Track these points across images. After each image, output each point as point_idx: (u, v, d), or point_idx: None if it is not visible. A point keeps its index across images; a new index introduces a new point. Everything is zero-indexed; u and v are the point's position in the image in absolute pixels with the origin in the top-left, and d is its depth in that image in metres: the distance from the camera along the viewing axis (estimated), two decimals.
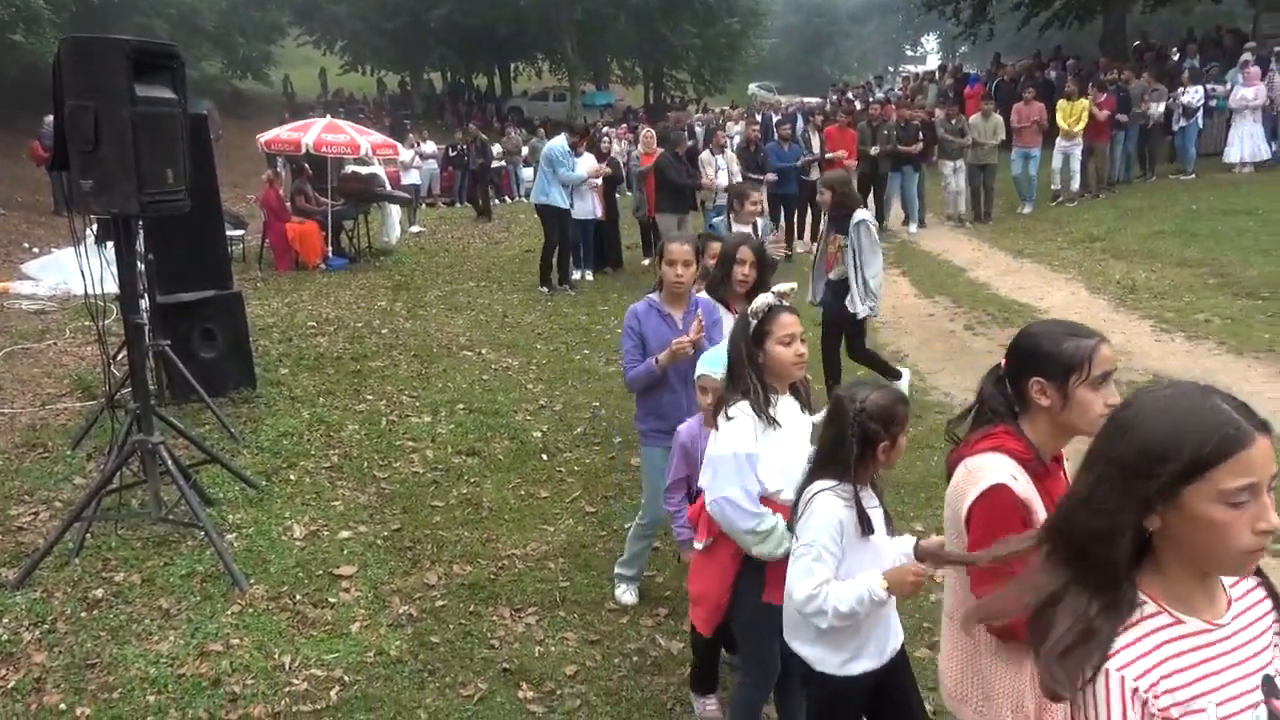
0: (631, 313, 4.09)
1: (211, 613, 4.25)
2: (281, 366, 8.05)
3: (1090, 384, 2.00)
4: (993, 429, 2.09)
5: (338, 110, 25.39)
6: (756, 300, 2.82)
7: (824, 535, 2.43)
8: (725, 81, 43.81)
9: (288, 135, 13.54)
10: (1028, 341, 2.09)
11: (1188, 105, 15.02)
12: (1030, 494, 2.00)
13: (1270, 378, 6.78)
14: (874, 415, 2.44)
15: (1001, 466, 2.02)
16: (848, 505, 2.45)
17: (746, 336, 2.80)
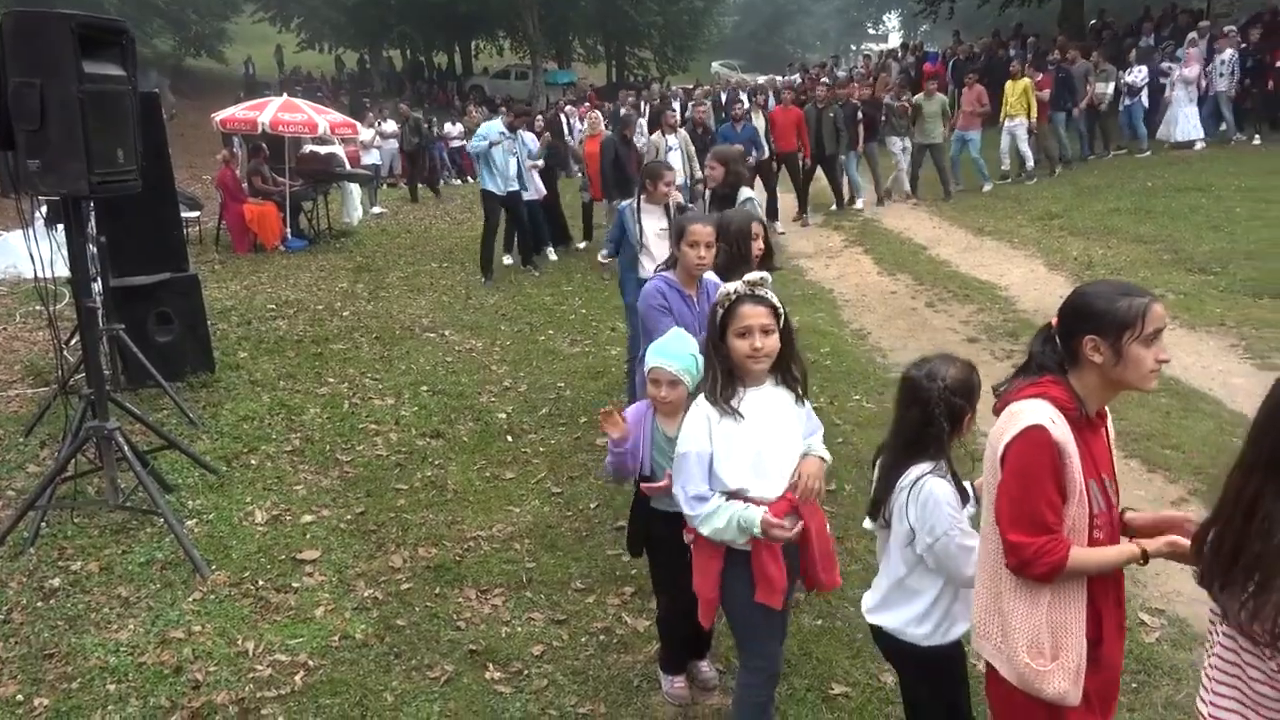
0: (656, 291, 3.98)
1: (172, 600, 4.21)
2: (241, 350, 7.94)
3: (1143, 340, 2.05)
4: (1040, 379, 2.15)
5: (295, 89, 24.90)
6: (723, 288, 2.76)
7: (952, 515, 2.45)
8: (688, 59, 43.66)
9: (244, 114, 13.30)
10: (1082, 300, 2.13)
11: (1132, 84, 15.36)
12: (1067, 439, 2.05)
13: (1222, 350, 6.93)
14: (957, 390, 2.47)
15: (1042, 410, 2.07)
16: (950, 483, 2.48)
17: (713, 326, 2.75)
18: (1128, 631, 3.68)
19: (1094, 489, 2.10)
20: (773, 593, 2.75)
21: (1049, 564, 2.04)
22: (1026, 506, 2.05)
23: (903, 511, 2.49)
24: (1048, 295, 8.85)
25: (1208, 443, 5.37)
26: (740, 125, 12.47)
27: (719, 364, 2.72)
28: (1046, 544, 2.04)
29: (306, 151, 14.29)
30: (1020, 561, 2.07)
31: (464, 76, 40.62)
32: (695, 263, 3.89)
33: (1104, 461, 2.18)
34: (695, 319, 3.85)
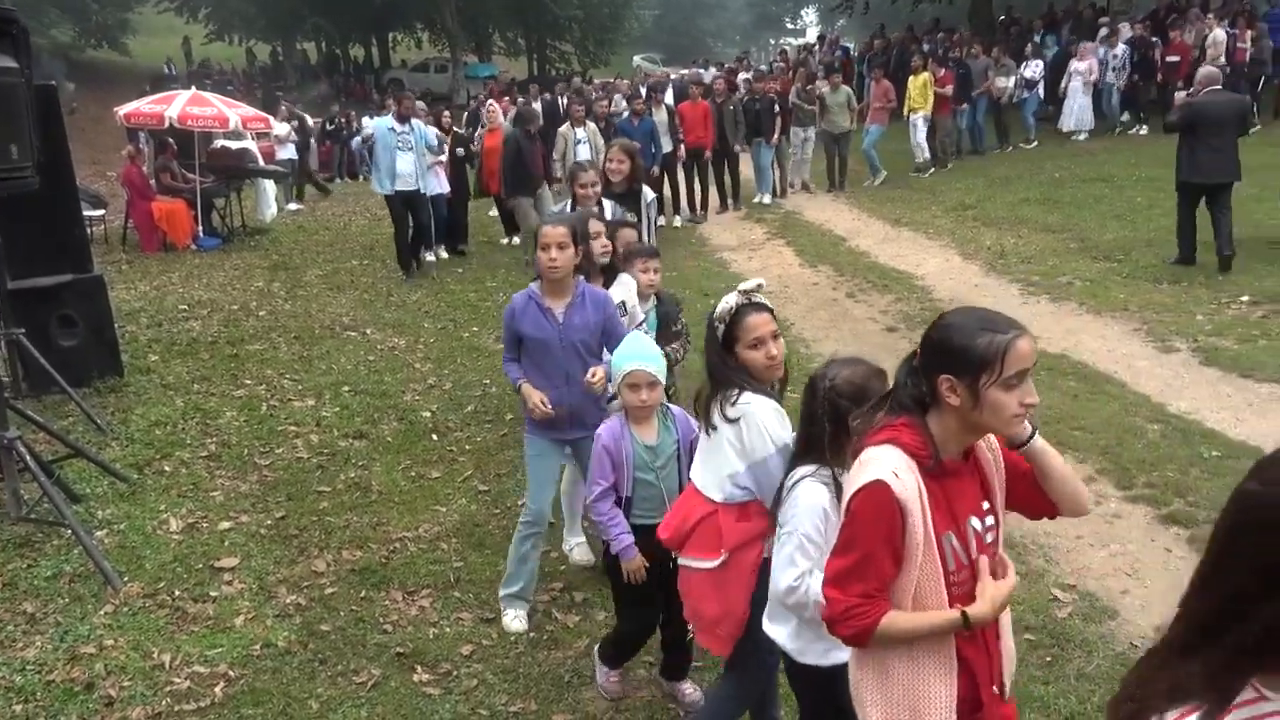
0: (509, 307, 3.76)
1: (82, 614, 4.05)
2: (151, 353, 7.67)
3: (1003, 384, 1.82)
4: (896, 419, 1.95)
5: (204, 82, 24.12)
6: (722, 302, 2.63)
7: (806, 523, 2.31)
8: (609, 53, 43.56)
9: (149, 109, 12.82)
10: (940, 334, 1.91)
11: (1029, 79, 16.04)
12: (910, 496, 1.86)
13: (1126, 334, 7.22)
14: (845, 392, 2.31)
15: (886, 462, 1.89)
16: (830, 490, 2.31)
17: (716, 346, 2.64)
18: (1041, 609, 3.82)
19: (952, 544, 1.94)
20: None
21: (855, 627, 1.90)
22: (852, 564, 1.90)
23: (783, 507, 2.41)
24: (962, 284, 9.10)
25: (1113, 423, 5.59)
26: (639, 120, 12.26)
27: (739, 375, 2.64)
28: (858, 606, 1.89)
29: (218, 147, 13.85)
30: (829, 617, 1.95)
31: (382, 70, 39.81)
32: (546, 265, 3.60)
33: (969, 506, 1.98)
34: (555, 332, 3.66)
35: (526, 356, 3.74)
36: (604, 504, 3.15)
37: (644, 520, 3.12)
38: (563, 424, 3.75)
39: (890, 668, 1.97)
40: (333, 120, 22.26)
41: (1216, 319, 7.27)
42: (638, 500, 3.15)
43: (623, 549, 3.12)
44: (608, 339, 3.73)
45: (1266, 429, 5.35)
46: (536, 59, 43.04)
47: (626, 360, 3.11)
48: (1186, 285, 8.18)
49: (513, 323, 3.72)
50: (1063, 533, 4.47)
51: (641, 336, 3.21)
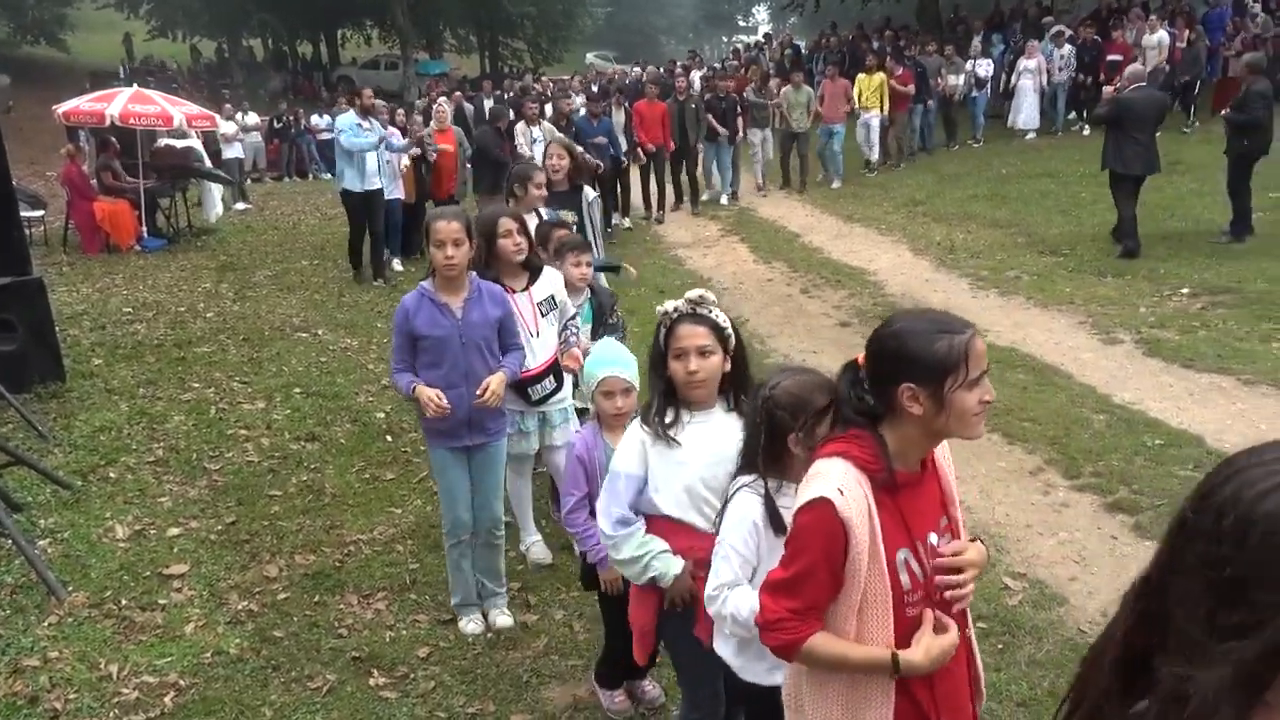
0: (400, 308, 3.61)
1: (25, 626, 3.94)
2: (94, 357, 7.48)
3: (967, 385, 1.76)
4: (847, 431, 1.87)
5: (146, 79, 23.58)
6: (666, 304, 2.56)
7: (733, 534, 2.23)
8: (563, 50, 43.40)
9: (89, 106, 12.50)
10: (894, 343, 1.81)
11: (980, 77, 16.31)
12: (858, 514, 1.78)
13: (1072, 327, 7.37)
14: (782, 402, 2.20)
15: (833, 477, 1.81)
16: (761, 501, 2.22)
17: (657, 342, 2.55)
18: (991, 597, 3.89)
19: (906, 561, 1.86)
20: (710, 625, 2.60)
21: (780, 641, 1.86)
22: (790, 577, 1.84)
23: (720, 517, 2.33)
24: (914, 279, 9.23)
25: (1060, 414, 5.71)
26: (598, 120, 12.12)
27: (660, 386, 2.55)
28: (785, 620, 1.84)
29: (162, 145, 13.54)
30: (760, 622, 1.90)
31: (331, 67, 39.23)
32: (442, 263, 3.49)
33: (927, 520, 1.91)
34: (454, 328, 3.56)
35: (423, 359, 3.58)
36: (578, 516, 3.05)
37: None
38: (461, 429, 3.63)
39: (827, 680, 1.91)
40: (281, 118, 21.91)
41: (1158, 311, 7.45)
42: None
43: (599, 560, 3.02)
44: (503, 338, 3.70)
45: (1207, 417, 5.50)
46: (489, 56, 42.72)
47: (601, 367, 3.02)
48: (1129, 279, 8.38)
49: (406, 324, 3.56)
50: (1012, 522, 4.56)
51: (614, 342, 3.12)
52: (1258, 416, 5.43)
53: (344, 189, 9.84)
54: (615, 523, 2.59)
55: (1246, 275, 7.96)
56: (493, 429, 3.76)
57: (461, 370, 3.56)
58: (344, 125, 9.63)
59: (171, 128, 12.72)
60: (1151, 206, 10.70)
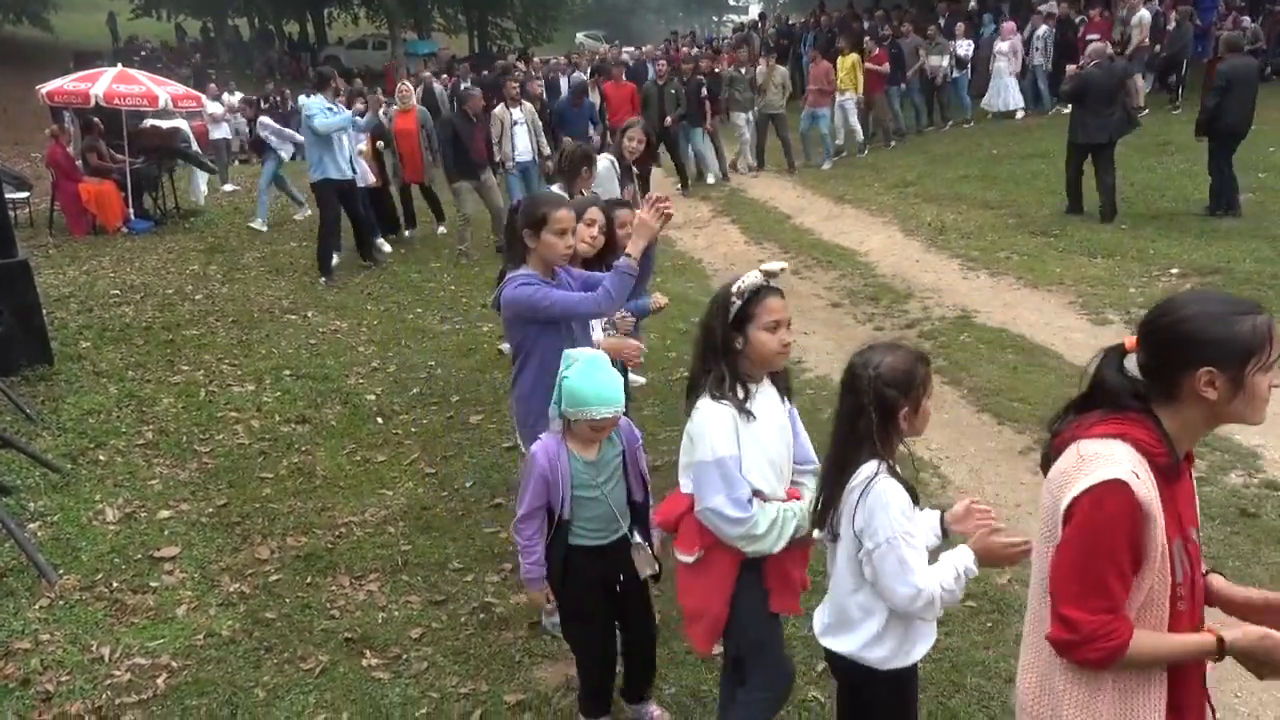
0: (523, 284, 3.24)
1: (15, 609, 3.94)
2: (82, 340, 7.44)
3: (1265, 366, 1.67)
4: (1120, 414, 1.75)
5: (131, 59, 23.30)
6: (744, 279, 2.50)
7: (900, 524, 2.15)
8: (552, 30, 43.11)
9: (73, 86, 12.35)
10: (1189, 325, 1.70)
11: (961, 57, 16.30)
12: (1152, 497, 1.66)
13: (1062, 308, 7.39)
14: (890, 380, 2.17)
15: (1123, 458, 1.68)
16: (901, 483, 2.18)
17: (725, 320, 2.48)
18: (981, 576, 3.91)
19: (1178, 552, 1.73)
20: (792, 596, 2.61)
21: (1105, 650, 1.69)
22: (1091, 578, 1.68)
23: (851, 517, 2.21)
24: (905, 260, 9.23)
25: (1050, 395, 5.73)
26: (580, 103, 11.93)
27: (727, 361, 2.48)
28: (1106, 625, 1.68)
29: (147, 126, 13.42)
30: (1070, 642, 1.72)
31: (318, 47, 38.89)
32: (564, 251, 3.33)
33: (1189, 514, 1.81)
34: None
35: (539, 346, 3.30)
36: (528, 527, 2.85)
37: (591, 540, 2.88)
38: None
39: (1099, 685, 1.76)
40: (268, 99, 21.69)
41: (1148, 291, 7.47)
42: (581, 520, 2.86)
43: (531, 579, 2.89)
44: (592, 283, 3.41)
45: None
46: (477, 35, 42.40)
47: (601, 405, 2.73)
48: (1119, 259, 8.39)
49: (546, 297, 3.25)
50: (1003, 501, 4.58)
51: (604, 366, 2.79)
52: None
53: (324, 179, 9.19)
54: (745, 503, 2.45)
55: (1236, 256, 7.98)
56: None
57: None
58: (313, 109, 9.05)
59: (157, 108, 12.59)
60: (1141, 186, 10.73)
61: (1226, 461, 4.79)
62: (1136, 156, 12.07)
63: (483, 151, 10.17)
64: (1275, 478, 4.62)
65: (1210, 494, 4.43)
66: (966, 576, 2.20)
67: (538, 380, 3.26)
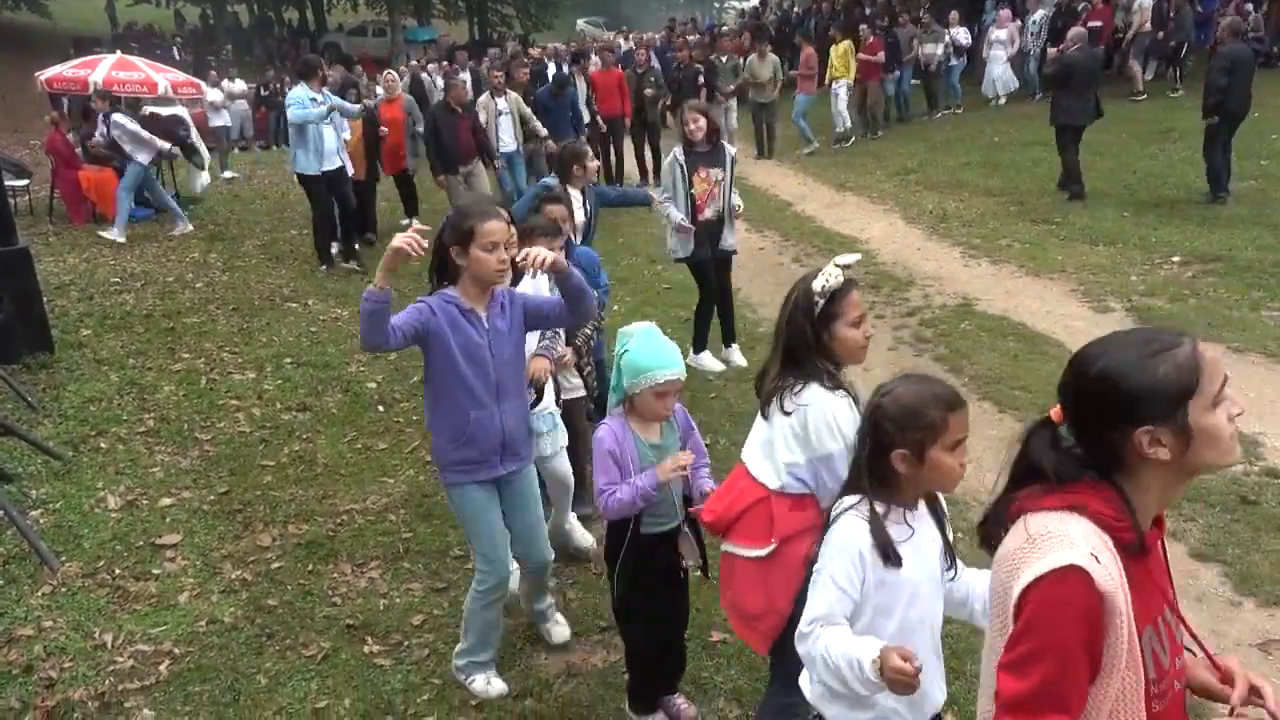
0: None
1: (18, 596, 3.95)
2: (83, 327, 7.43)
3: (1212, 404, 1.45)
4: (1072, 484, 1.52)
5: (130, 45, 23.24)
6: (825, 276, 2.38)
7: (834, 563, 1.95)
8: (553, 16, 42.93)
9: (72, 73, 12.34)
10: (1104, 384, 1.48)
11: (959, 45, 16.25)
12: (1115, 585, 1.42)
13: (1063, 295, 7.38)
14: (891, 414, 1.93)
15: (1079, 538, 1.44)
16: (868, 529, 1.95)
17: (812, 318, 2.37)
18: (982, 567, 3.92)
19: (1151, 643, 1.50)
20: None
21: None
22: (1038, 682, 1.43)
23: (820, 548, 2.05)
24: (906, 247, 9.21)
25: (1052, 383, 5.67)
26: (562, 95, 11.56)
27: (821, 360, 2.40)
28: None
29: (146, 113, 13.37)
30: None
31: (318, 34, 38.72)
32: (495, 268, 2.99)
33: (1162, 594, 1.56)
34: (477, 337, 3.03)
35: (450, 380, 3.04)
36: (609, 491, 2.75)
37: (656, 528, 2.86)
38: (493, 456, 3.11)
39: None
40: (267, 86, 21.64)
41: (1149, 279, 7.46)
42: (647, 507, 2.80)
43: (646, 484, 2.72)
44: (541, 312, 3.15)
45: None
46: (477, 22, 42.22)
47: (662, 368, 2.69)
48: (1121, 246, 8.38)
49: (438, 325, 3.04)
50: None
51: (657, 332, 2.78)
52: (1247, 384, 5.46)
53: (299, 173, 8.97)
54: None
55: (1238, 243, 7.97)
56: (525, 452, 3.23)
57: (491, 386, 3.05)
58: (292, 99, 8.73)
59: (156, 94, 12.55)
60: (1144, 174, 10.70)
61: None
62: (1138, 144, 12.05)
63: (468, 143, 9.77)
64: (1275, 465, 4.62)
65: (1210, 482, 4.43)
66: (853, 674, 1.82)
67: (435, 415, 3.10)
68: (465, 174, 9.85)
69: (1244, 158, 10.37)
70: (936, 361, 6.26)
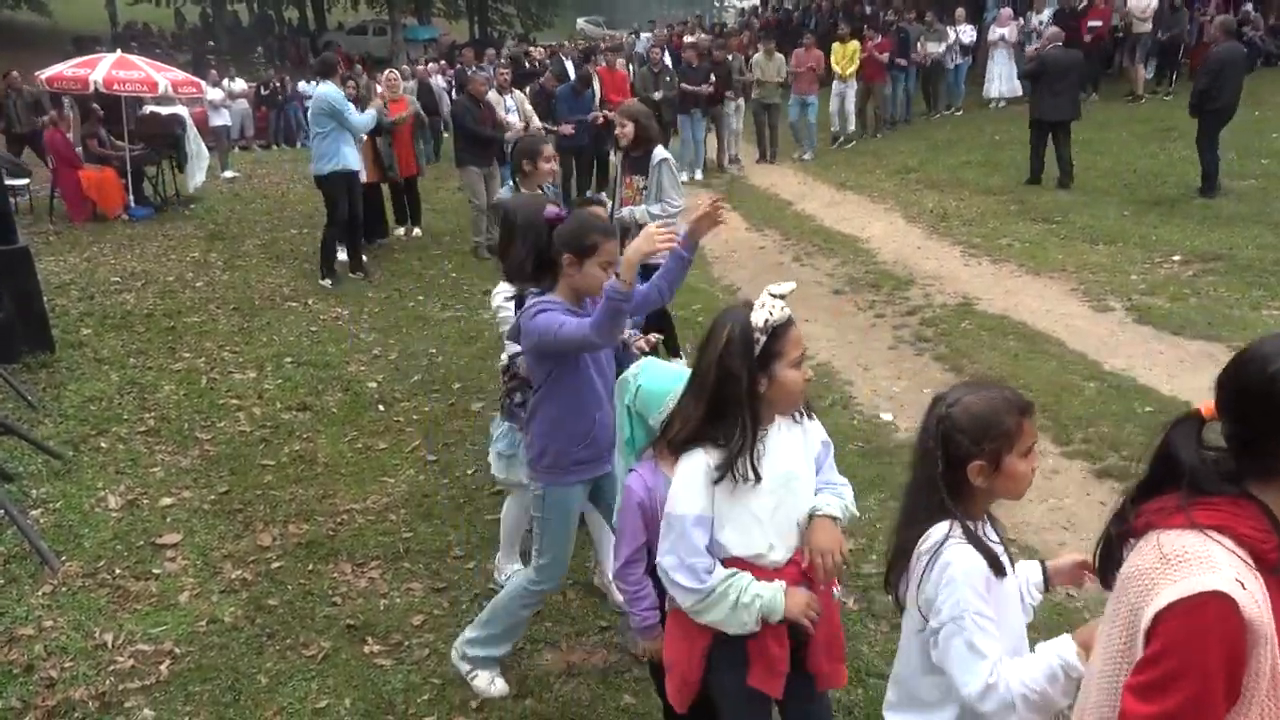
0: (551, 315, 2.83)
1: (19, 596, 3.95)
2: (83, 327, 7.44)
3: None
4: (1211, 496, 1.40)
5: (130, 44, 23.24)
6: (767, 308, 2.10)
7: (971, 599, 1.77)
8: (553, 15, 42.98)
9: (72, 72, 12.30)
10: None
11: (964, 44, 16.23)
12: (1262, 612, 1.32)
13: (1064, 294, 7.38)
14: (963, 424, 1.81)
15: (1221, 561, 1.34)
16: (976, 550, 1.80)
17: (751, 360, 2.08)
18: None
19: None
20: (773, 676, 2.21)
21: None
22: (1171, 705, 1.34)
23: (917, 586, 1.86)
24: (906, 246, 9.21)
25: (1052, 381, 5.73)
26: (580, 96, 11.41)
27: (752, 410, 2.09)
28: None
29: (147, 112, 13.38)
30: None
31: (318, 33, 38.75)
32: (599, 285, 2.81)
33: None
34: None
35: (563, 381, 2.96)
36: (636, 571, 2.47)
37: None
38: (607, 452, 3.06)
39: None
40: (268, 85, 21.65)
41: (1149, 278, 7.46)
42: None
43: (646, 627, 2.51)
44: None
45: (1198, 385, 5.52)
46: (478, 21, 42.23)
47: (682, 380, 2.45)
48: (1121, 245, 8.38)
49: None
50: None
51: (656, 360, 2.66)
52: None
53: (342, 168, 8.57)
54: (700, 573, 2.12)
55: (1238, 242, 7.97)
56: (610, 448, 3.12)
57: (609, 384, 2.98)
58: (335, 101, 8.39)
59: (156, 94, 12.55)
60: (1144, 172, 10.71)
61: None
62: (1138, 143, 12.05)
63: (491, 140, 9.77)
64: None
65: None
66: (1066, 675, 1.71)
67: (560, 417, 2.99)
68: (486, 174, 9.70)
69: (1244, 156, 10.39)
70: (937, 361, 6.26)
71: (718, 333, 2.13)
